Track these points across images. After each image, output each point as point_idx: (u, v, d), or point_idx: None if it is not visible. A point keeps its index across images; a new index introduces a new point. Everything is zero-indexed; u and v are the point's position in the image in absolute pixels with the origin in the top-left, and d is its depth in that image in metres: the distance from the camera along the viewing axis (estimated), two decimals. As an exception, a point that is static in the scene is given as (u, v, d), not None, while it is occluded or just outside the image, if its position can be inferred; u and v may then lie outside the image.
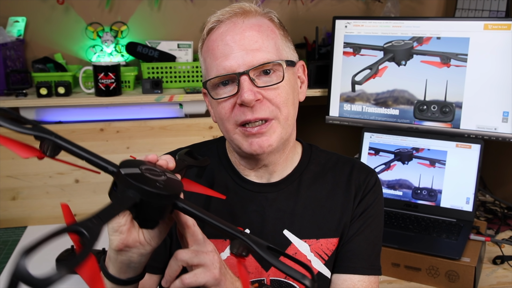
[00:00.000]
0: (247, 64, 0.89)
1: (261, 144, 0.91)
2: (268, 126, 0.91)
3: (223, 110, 0.92)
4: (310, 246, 0.99)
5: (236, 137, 0.93)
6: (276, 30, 0.96)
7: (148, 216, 0.68)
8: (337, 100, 1.94)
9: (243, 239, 0.65)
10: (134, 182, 0.65)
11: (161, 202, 0.67)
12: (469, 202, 1.65)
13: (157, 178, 0.68)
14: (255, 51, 0.90)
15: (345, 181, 1.03)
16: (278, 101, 0.91)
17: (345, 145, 2.27)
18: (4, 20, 1.97)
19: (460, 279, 1.40)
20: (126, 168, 0.68)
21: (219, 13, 0.95)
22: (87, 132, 1.86)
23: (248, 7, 0.95)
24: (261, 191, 1.01)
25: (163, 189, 0.66)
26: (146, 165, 0.71)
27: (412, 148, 1.75)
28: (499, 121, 1.70)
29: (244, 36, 0.91)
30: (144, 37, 2.08)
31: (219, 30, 0.93)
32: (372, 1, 2.24)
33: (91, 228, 0.55)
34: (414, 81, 1.80)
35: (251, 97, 0.88)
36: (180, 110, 2.00)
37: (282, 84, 0.92)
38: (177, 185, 0.71)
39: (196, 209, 0.70)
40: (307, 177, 1.03)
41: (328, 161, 1.06)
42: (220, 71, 0.91)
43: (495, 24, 1.66)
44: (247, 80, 0.89)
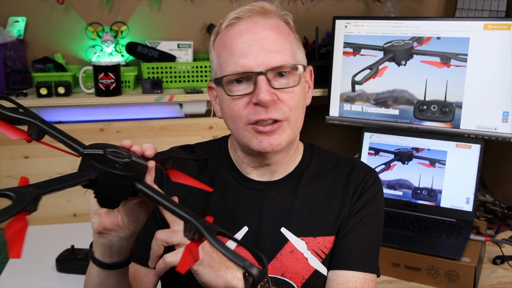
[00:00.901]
0: (265, 64, 0.90)
1: (271, 142, 0.92)
2: (279, 126, 0.92)
3: (236, 107, 0.92)
4: (307, 244, 0.99)
5: (246, 134, 0.94)
6: (291, 33, 0.97)
7: (106, 195, 0.70)
8: (337, 100, 1.94)
9: (193, 222, 0.66)
10: (91, 161, 0.68)
11: (116, 181, 0.68)
12: (469, 202, 1.65)
13: (117, 160, 0.70)
14: (274, 52, 0.91)
15: (344, 180, 1.04)
16: (291, 103, 0.92)
17: (345, 145, 2.27)
18: (4, 20, 1.98)
19: (460, 279, 1.40)
20: (91, 149, 0.71)
21: (239, 10, 0.95)
22: (87, 132, 1.86)
23: (268, 7, 0.95)
24: (260, 189, 1.02)
25: (119, 169, 0.68)
26: (115, 148, 0.74)
27: (412, 148, 1.75)
28: (499, 121, 1.70)
29: (264, 36, 0.91)
30: (144, 37, 2.08)
31: (238, 27, 0.93)
32: (372, 1, 2.24)
33: (22, 193, 0.59)
34: (414, 81, 1.80)
35: (268, 97, 0.89)
36: (180, 110, 2.00)
37: (296, 88, 0.93)
38: (139, 167, 0.72)
39: (154, 192, 0.71)
40: (306, 176, 1.03)
41: (328, 161, 1.07)
42: (238, 69, 0.91)
43: (495, 24, 1.66)
44: (264, 80, 0.90)
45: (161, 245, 0.78)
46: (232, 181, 1.03)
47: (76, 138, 0.76)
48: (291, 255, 0.99)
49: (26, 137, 0.75)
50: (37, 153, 1.83)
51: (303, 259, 0.99)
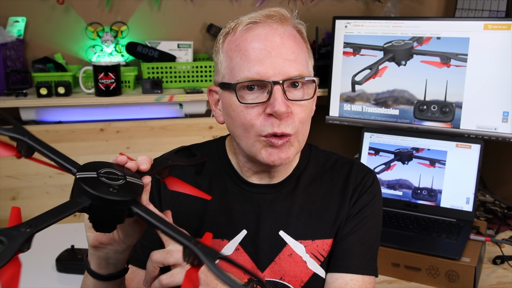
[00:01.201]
0: (283, 73, 0.87)
1: (280, 156, 0.90)
2: (288, 140, 0.90)
3: (249, 116, 0.89)
4: (305, 247, 0.98)
5: (256, 145, 0.90)
6: (304, 43, 0.95)
7: (101, 220, 0.68)
8: (337, 100, 1.94)
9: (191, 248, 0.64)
10: (84, 186, 0.65)
11: (111, 207, 0.66)
12: (469, 202, 1.65)
13: (112, 183, 0.67)
14: (292, 61, 0.88)
15: (342, 181, 1.02)
16: (302, 117, 0.90)
17: (345, 145, 2.27)
18: (4, 20, 1.97)
19: (460, 279, 1.40)
20: (83, 172, 0.68)
21: (256, 15, 0.91)
22: (87, 132, 1.86)
23: (287, 14, 0.92)
24: (259, 192, 1.00)
25: (113, 194, 0.66)
26: (109, 168, 0.71)
27: (412, 148, 1.75)
28: (499, 121, 1.70)
29: (283, 44, 0.88)
30: (144, 37, 2.08)
31: (255, 31, 0.89)
32: (372, 1, 2.24)
33: (13, 236, 0.56)
34: (414, 81, 1.80)
35: (283, 109, 0.86)
36: (180, 110, 2.00)
37: (310, 101, 0.91)
38: (135, 188, 0.70)
39: (151, 215, 0.69)
40: (304, 178, 1.02)
41: (327, 161, 1.05)
42: (253, 75, 0.87)
43: (495, 24, 1.66)
44: (280, 90, 0.86)
45: (157, 266, 0.77)
46: (231, 184, 1.01)
47: (68, 157, 0.72)
48: (290, 258, 0.98)
49: (16, 153, 0.72)
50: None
51: (302, 262, 0.98)
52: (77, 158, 0.73)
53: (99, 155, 1.86)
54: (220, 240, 0.98)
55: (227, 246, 0.98)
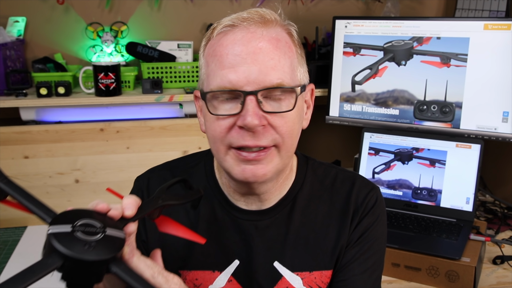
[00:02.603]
0: (257, 83, 0.78)
1: (255, 173, 0.81)
2: (267, 153, 0.81)
3: (219, 129, 0.81)
4: (302, 280, 0.91)
5: (228, 159, 0.83)
6: (294, 47, 0.85)
7: (75, 281, 0.61)
8: (337, 100, 1.94)
9: None
10: (56, 245, 0.58)
11: (86, 268, 0.59)
12: (469, 202, 1.65)
13: (88, 239, 0.60)
14: (269, 69, 0.79)
15: (343, 202, 0.93)
16: (284, 130, 0.81)
17: (345, 145, 2.27)
18: (4, 20, 1.97)
19: (460, 279, 1.40)
20: (56, 224, 0.60)
21: (235, 16, 0.83)
22: (87, 132, 1.86)
23: (269, 15, 0.83)
24: (250, 219, 0.91)
25: (89, 253, 0.58)
26: (87, 218, 0.63)
27: (412, 148, 1.75)
28: (499, 121, 1.70)
29: (260, 49, 0.79)
30: (144, 37, 2.08)
31: (232, 35, 0.81)
32: (372, 1, 2.24)
33: None
34: (414, 81, 1.80)
35: (255, 122, 0.77)
36: (180, 110, 2.00)
37: (291, 113, 0.81)
38: (114, 243, 0.62)
39: (131, 276, 0.62)
40: (301, 199, 0.93)
41: (325, 177, 0.96)
42: (225, 84, 0.79)
43: (495, 24, 1.66)
44: (253, 101, 0.78)
45: None
46: (219, 209, 0.92)
47: (43, 203, 0.65)
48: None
49: None
50: (37, 153, 1.83)
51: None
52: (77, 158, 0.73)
53: (99, 155, 1.86)
54: (211, 272, 0.92)
55: (219, 278, 0.91)
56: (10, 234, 1.75)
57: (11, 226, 1.81)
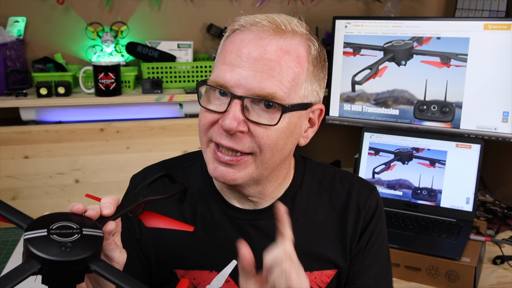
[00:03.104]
0: (248, 88, 0.77)
1: (224, 175, 0.81)
2: (241, 161, 0.81)
3: (204, 121, 0.82)
4: None
5: (208, 152, 0.83)
6: (306, 64, 0.82)
7: (56, 283, 0.61)
8: (337, 100, 1.94)
9: None
10: (31, 249, 0.58)
11: (64, 269, 0.59)
12: (469, 202, 1.65)
13: (64, 240, 0.60)
14: (264, 78, 0.77)
15: (342, 202, 0.94)
16: (263, 142, 0.79)
17: (345, 145, 2.27)
18: (4, 20, 1.97)
19: (460, 279, 1.40)
20: (32, 230, 0.61)
21: (251, 18, 0.82)
22: (87, 132, 1.86)
23: (285, 25, 0.81)
24: (248, 218, 0.91)
25: (65, 254, 0.58)
26: (63, 221, 0.63)
27: (412, 148, 1.75)
28: (499, 121, 1.70)
29: (262, 56, 0.78)
30: (144, 37, 2.08)
31: (242, 36, 0.81)
32: (372, 1, 2.24)
33: None
34: (414, 81, 1.80)
35: (232, 126, 0.77)
36: (180, 110, 2.00)
37: (275, 127, 0.79)
38: (92, 242, 0.62)
39: (111, 273, 0.62)
40: (300, 199, 0.93)
41: (324, 177, 0.96)
42: (219, 80, 0.79)
43: (495, 24, 1.66)
44: (238, 105, 0.77)
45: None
46: (216, 208, 0.92)
47: (19, 211, 0.65)
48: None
49: None
50: (37, 153, 1.83)
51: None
52: (77, 158, 0.73)
53: (99, 155, 1.86)
54: (208, 272, 0.91)
55: (217, 278, 0.90)
56: (10, 234, 1.75)
57: (11, 226, 1.80)
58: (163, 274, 0.93)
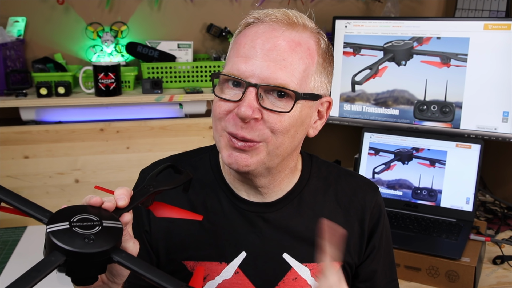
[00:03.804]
0: (261, 78, 0.81)
1: (238, 160, 0.84)
2: (253, 146, 0.83)
3: (219, 109, 0.85)
4: (311, 271, 0.93)
5: (221, 140, 0.86)
6: (316, 56, 0.86)
7: (79, 275, 0.63)
8: (337, 100, 1.94)
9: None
10: (56, 242, 0.60)
11: (89, 260, 0.61)
12: (469, 202, 1.65)
13: (87, 232, 0.62)
14: (277, 68, 0.81)
15: (347, 200, 0.98)
16: (276, 127, 0.83)
17: (345, 145, 2.27)
18: (4, 20, 1.97)
19: (460, 279, 1.40)
20: (54, 223, 0.62)
21: (263, 12, 0.86)
22: (87, 132, 1.86)
23: (297, 19, 0.86)
24: (257, 211, 0.94)
25: (90, 246, 0.61)
26: (82, 213, 0.65)
27: (412, 148, 1.75)
28: (499, 121, 1.70)
29: (275, 47, 0.82)
30: (144, 37, 2.08)
31: (256, 28, 0.85)
32: (372, 1, 2.24)
33: None
34: (414, 81, 1.80)
35: (248, 113, 0.80)
36: (180, 110, 2.00)
37: (288, 114, 0.83)
38: (113, 234, 0.64)
39: (133, 263, 0.64)
40: (307, 195, 0.96)
41: (329, 174, 1.00)
42: (233, 71, 0.83)
43: (495, 24, 1.66)
44: (253, 93, 0.81)
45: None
46: (226, 201, 0.94)
47: (37, 204, 0.67)
48: (295, 282, 0.93)
49: None
50: (37, 153, 1.83)
51: (307, 286, 0.93)
52: (77, 158, 0.73)
53: (99, 155, 1.86)
54: (218, 263, 0.93)
55: (226, 269, 0.93)
56: (10, 234, 1.75)
57: (11, 226, 1.81)
58: (172, 266, 0.94)
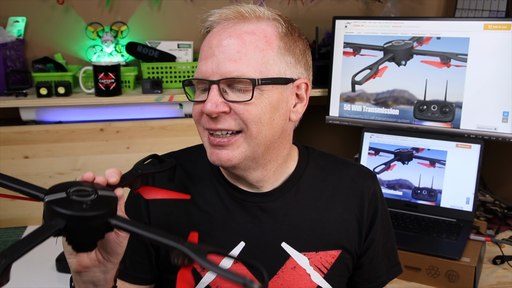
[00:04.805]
0: (220, 73, 0.84)
1: (220, 157, 0.87)
2: (232, 140, 0.86)
3: (194, 112, 0.90)
4: (309, 260, 0.95)
5: (205, 140, 0.90)
6: (275, 41, 0.87)
7: (79, 240, 0.65)
8: (337, 100, 1.94)
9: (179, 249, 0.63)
10: (56, 208, 0.63)
11: (87, 224, 0.64)
12: (469, 202, 1.65)
13: (83, 199, 0.66)
14: (232, 61, 0.84)
15: (346, 185, 0.99)
16: (246, 117, 0.85)
17: (345, 145, 2.27)
18: (4, 20, 1.97)
19: (460, 279, 1.40)
20: (51, 194, 0.66)
21: (217, 13, 0.90)
22: (87, 132, 1.86)
23: (248, 11, 0.88)
24: (255, 201, 0.95)
25: (88, 210, 0.64)
26: (77, 186, 0.69)
27: (412, 148, 1.75)
28: (499, 121, 1.70)
29: (228, 42, 0.85)
30: (144, 37, 2.08)
31: (213, 30, 0.90)
32: (372, 1, 2.24)
33: None
34: (414, 81, 1.80)
35: (211, 109, 0.83)
36: (180, 110, 2.00)
37: (254, 102, 0.84)
38: (108, 201, 0.68)
39: (131, 224, 0.67)
40: (305, 183, 0.98)
41: (327, 162, 1.02)
42: (197, 74, 0.88)
43: (495, 24, 1.66)
44: (215, 90, 0.84)
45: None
46: (223, 192, 0.96)
47: (31, 184, 0.70)
48: (293, 271, 0.94)
49: None
50: (37, 153, 1.83)
51: (306, 275, 0.94)
52: (77, 158, 0.74)
53: (99, 155, 1.86)
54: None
55: (225, 259, 0.92)
56: (10, 234, 1.75)
57: (11, 226, 1.81)
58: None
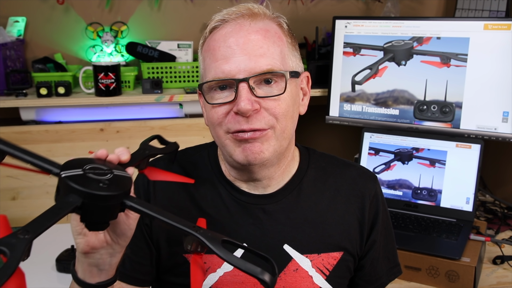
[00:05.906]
0: (248, 70, 0.84)
1: (253, 150, 0.86)
2: (263, 134, 0.86)
3: (216, 115, 0.87)
4: (311, 262, 0.94)
5: (228, 143, 0.88)
6: (284, 37, 0.90)
7: (94, 218, 0.65)
8: (337, 100, 1.94)
9: (194, 234, 0.63)
10: (74, 185, 0.62)
11: (104, 203, 0.64)
12: (469, 202, 1.65)
13: (100, 178, 0.65)
14: (258, 57, 0.84)
15: (347, 187, 0.99)
16: (277, 112, 0.86)
17: (345, 145, 2.27)
18: (4, 20, 1.97)
19: (460, 279, 1.40)
20: (68, 170, 0.65)
21: (225, 12, 0.89)
22: (87, 132, 1.86)
23: (257, 9, 0.89)
24: (257, 203, 0.95)
25: (105, 189, 0.64)
26: (92, 163, 0.68)
27: (412, 148, 1.75)
28: (499, 121, 1.70)
29: (249, 39, 0.85)
30: (144, 37, 2.08)
31: (223, 30, 0.87)
32: (372, 1, 2.24)
33: (13, 245, 0.53)
34: (414, 81, 1.80)
35: (248, 107, 0.83)
36: (180, 110, 2.00)
37: (283, 96, 0.86)
38: (124, 182, 0.68)
39: (145, 207, 0.67)
40: (306, 185, 0.98)
41: (328, 164, 1.02)
42: (219, 74, 0.85)
43: (495, 24, 1.66)
44: (245, 88, 0.83)
45: None
46: (225, 193, 0.96)
47: (45, 157, 0.68)
48: (296, 273, 0.94)
49: None
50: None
51: (308, 277, 0.94)
52: (78, 158, 0.73)
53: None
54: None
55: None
56: (10, 234, 1.75)
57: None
58: (173, 259, 0.95)
